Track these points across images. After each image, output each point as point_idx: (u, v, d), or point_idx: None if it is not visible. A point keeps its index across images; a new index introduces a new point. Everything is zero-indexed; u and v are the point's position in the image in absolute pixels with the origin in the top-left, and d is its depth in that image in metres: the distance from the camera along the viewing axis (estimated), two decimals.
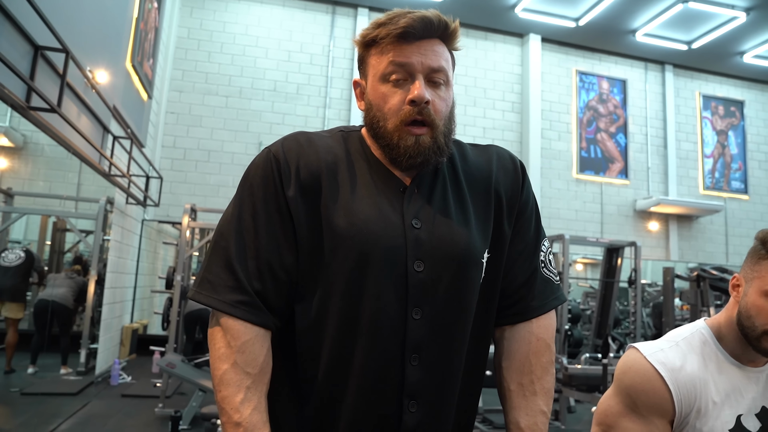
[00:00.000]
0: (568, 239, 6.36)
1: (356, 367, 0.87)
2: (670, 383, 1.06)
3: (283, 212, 0.90)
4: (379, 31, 0.90)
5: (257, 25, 9.35)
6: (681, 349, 1.12)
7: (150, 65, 6.99)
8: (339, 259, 0.88)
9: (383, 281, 0.87)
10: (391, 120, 0.90)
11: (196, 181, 8.73)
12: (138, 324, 7.58)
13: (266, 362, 0.87)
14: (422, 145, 0.89)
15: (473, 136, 9.96)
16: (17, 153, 7.16)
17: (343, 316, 0.88)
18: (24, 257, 5.63)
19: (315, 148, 0.93)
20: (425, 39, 0.90)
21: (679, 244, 10.91)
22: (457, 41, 0.95)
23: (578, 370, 4.38)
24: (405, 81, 0.90)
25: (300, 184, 0.90)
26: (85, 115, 4.44)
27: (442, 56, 0.92)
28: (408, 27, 0.88)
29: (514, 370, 0.97)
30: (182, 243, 5.76)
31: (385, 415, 0.88)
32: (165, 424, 4.27)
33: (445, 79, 0.92)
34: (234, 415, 0.82)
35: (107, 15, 4.88)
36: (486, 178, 0.99)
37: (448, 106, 0.93)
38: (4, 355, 5.59)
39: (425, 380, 0.89)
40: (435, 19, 0.90)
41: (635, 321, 6.61)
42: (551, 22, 9.86)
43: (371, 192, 0.91)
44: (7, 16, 2.81)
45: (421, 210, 0.92)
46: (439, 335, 0.90)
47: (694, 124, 11.45)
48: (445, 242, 0.90)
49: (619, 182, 10.71)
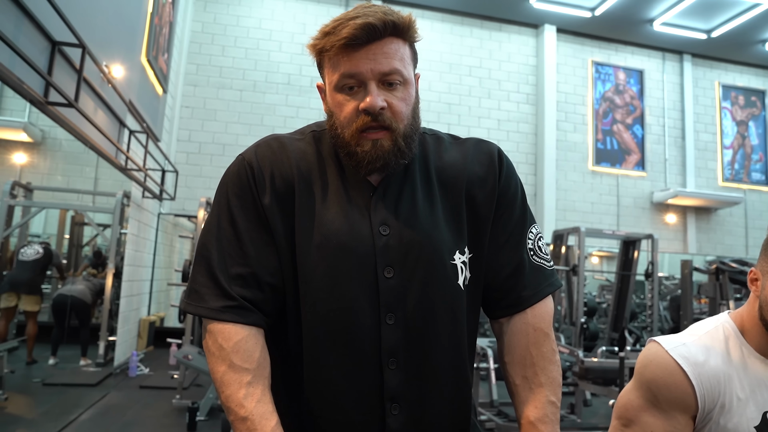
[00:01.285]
0: (583, 232, 6.29)
1: (337, 373, 0.89)
2: (692, 378, 1.05)
3: (261, 218, 0.91)
4: (324, 41, 0.88)
5: (271, 19, 9.36)
6: (704, 343, 1.10)
7: (165, 60, 7.03)
8: (313, 269, 0.89)
9: (356, 289, 0.88)
10: (347, 129, 0.89)
11: (211, 174, 8.78)
12: (155, 316, 7.67)
13: (263, 357, 0.88)
14: (381, 148, 0.88)
15: (488, 128, 9.90)
16: (36, 148, 7.25)
17: (321, 323, 0.89)
18: (42, 252, 5.69)
19: (287, 154, 0.94)
20: (373, 42, 0.87)
21: (698, 237, 10.77)
22: (414, 32, 0.91)
23: (594, 363, 4.34)
24: (359, 89, 0.89)
25: (275, 193, 0.91)
26: (101, 109, 4.48)
27: (394, 56, 0.88)
28: (350, 38, 0.85)
29: (516, 364, 0.97)
30: (198, 236, 5.81)
31: (369, 420, 0.89)
32: (182, 415, 4.32)
33: (401, 79, 0.89)
34: (240, 411, 0.83)
35: (122, 10, 4.91)
36: (459, 174, 0.97)
37: (408, 105, 0.91)
38: (26, 347, 5.69)
39: (405, 383, 0.90)
40: (379, 23, 0.85)
41: (652, 314, 6.54)
42: (566, 12, 9.74)
43: (341, 199, 0.92)
44: (26, 12, 2.83)
45: (388, 215, 0.91)
46: (414, 338, 0.90)
47: (713, 114, 11.26)
48: (413, 247, 0.90)
49: (636, 174, 10.58)
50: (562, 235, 6.85)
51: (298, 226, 0.90)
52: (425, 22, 9.92)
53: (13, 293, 5.53)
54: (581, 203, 10.21)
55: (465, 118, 9.84)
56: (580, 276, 6.31)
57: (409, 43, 0.92)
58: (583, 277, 6.37)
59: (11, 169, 7.11)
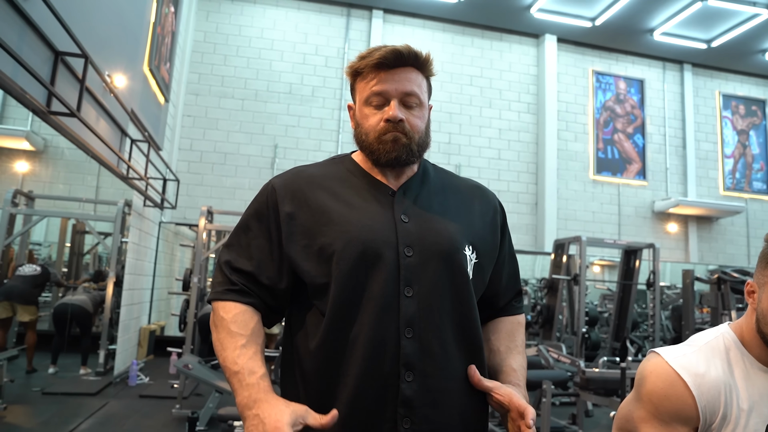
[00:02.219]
0: (584, 241, 6.29)
1: (359, 340, 1.00)
2: (693, 389, 1.04)
3: (272, 234, 1.08)
4: (360, 63, 1.09)
5: (272, 28, 9.41)
6: (704, 354, 1.09)
7: (167, 69, 7.06)
8: (346, 252, 1.03)
9: (381, 266, 1.02)
10: (371, 134, 1.09)
11: (212, 183, 8.80)
12: (155, 325, 7.65)
13: (257, 327, 1.04)
14: (398, 141, 1.08)
15: (489, 138, 9.92)
16: (38, 157, 7.27)
17: (350, 295, 1.02)
18: (40, 271, 5.71)
19: (308, 175, 1.14)
20: (399, 68, 1.08)
21: (699, 246, 10.75)
22: (430, 68, 1.12)
23: (596, 373, 4.32)
24: (383, 104, 1.09)
25: (294, 206, 1.09)
26: (103, 118, 4.50)
27: (414, 82, 1.09)
28: (381, 58, 1.06)
29: (502, 337, 1.19)
30: (199, 245, 5.80)
31: (385, 385, 0.99)
32: (182, 424, 4.30)
33: (417, 101, 1.10)
34: (233, 367, 0.97)
35: (125, 20, 4.94)
36: (471, 192, 1.20)
37: (423, 122, 1.12)
38: (26, 356, 5.68)
39: (419, 352, 1.01)
40: (405, 51, 1.07)
41: (654, 324, 6.52)
42: (567, 22, 9.78)
43: (366, 198, 1.10)
44: (29, 22, 2.85)
45: (408, 208, 1.09)
46: (429, 311, 1.03)
47: (714, 123, 11.28)
48: (430, 233, 1.07)
49: (637, 183, 10.58)
50: (563, 245, 6.84)
51: (330, 220, 1.06)
52: (426, 32, 9.97)
53: (8, 303, 5.54)
54: (582, 212, 10.20)
55: (466, 128, 9.86)
56: (582, 285, 6.30)
57: (426, 77, 1.13)
58: (584, 286, 6.35)
59: (13, 177, 7.12)
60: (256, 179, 8.86)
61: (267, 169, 8.96)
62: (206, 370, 4.49)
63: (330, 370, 1.01)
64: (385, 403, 0.99)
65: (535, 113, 10.26)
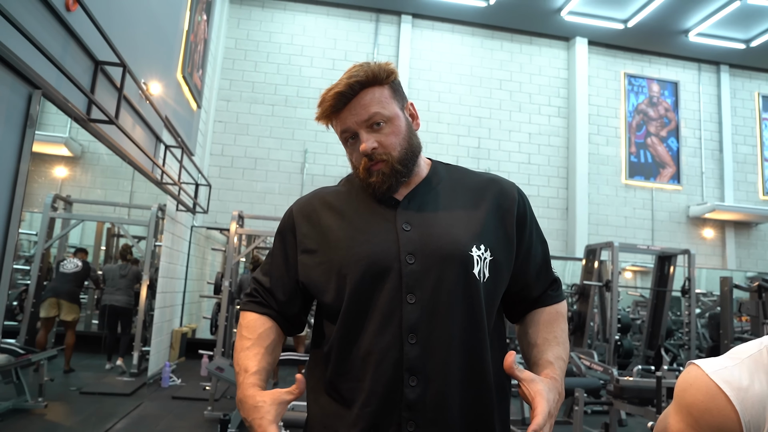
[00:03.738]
0: (617, 246, 6.18)
1: (366, 348, 1.04)
2: (736, 403, 1.01)
3: (289, 252, 1.18)
4: (320, 114, 1.14)
5: (302, 35, 9.52)
6: (747, 367, 1.05)
7: (199, 76, 7.21)
8: (351, 269, 1.07)
9: (385, 277, 1.05)
10: (360, 169, 1.14)
11: (243, 188, 8.93)
12: (187, 328, 7.79)
13: (265, 332, 1.14)
14: (383, 175, 1.11)
15: (519, 142, 9.83)
16: (76, 162, 7.49)
17: (355, 302, 1.06)
18: (81, 267, 5.98)
19: (322, 195, 1.21)
20: (350, 101, 1.11)
21: (737, 252, 10.43)
22: (385, 75, 1.12)
23: (630, 382, 4.23)
24: (355, 138, 1.13)
25: (308, 226, 1.16)
26: (139, 125, 4.61)
27: (371, 104, 1.10)
28: (331, 107, 1.11)
29: (540, 329, 1.17)
30: (230, 249, 5.89)
31: (390, 390, 1.02)
32: (214, 426, 4.36)
33: (383, 119, 1.10)
34: (236, 367, 1.11)
35: (160, 29, 5.06)
36: (485, 189, 1.18)
37: (398, 135, 1.12)
38: (63, 355, 5.88)
39: (423, 357, 1.02)
40: (346, 89, 1.09)
41: (689, 332, 6.36)
42: (598, 24, 9.65)
43: (370, 213, 1.14)
44: (72, 34, 2.95)
45: (411, 217, 1.11)
46: (432, 317, 1.04)
47: (753, 126, 10.96)
48: (432, 238, 1.08)
49: (671, 188, 10.35)
50: (594, 250, 6.73)
51: (337, 237, 1.12)
52: (455, 36, 9.95)
53: (55, 300, 5.81)
54: (614, 217, 10.02)
55: (495, 132, 9.79)
56: (614, 292, 6.18)
57: (387, 85, 1.13)
58: (616, 292, 6.23)
59: (53, 182, 7.36)
60: (286, 184, 8.96)
61: (297, 174, 9.05)
62: None
63: (343, 376, 1.07)
64: (391, 407, 1.02)
65: (565, 117, 10.13)
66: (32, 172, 2.73)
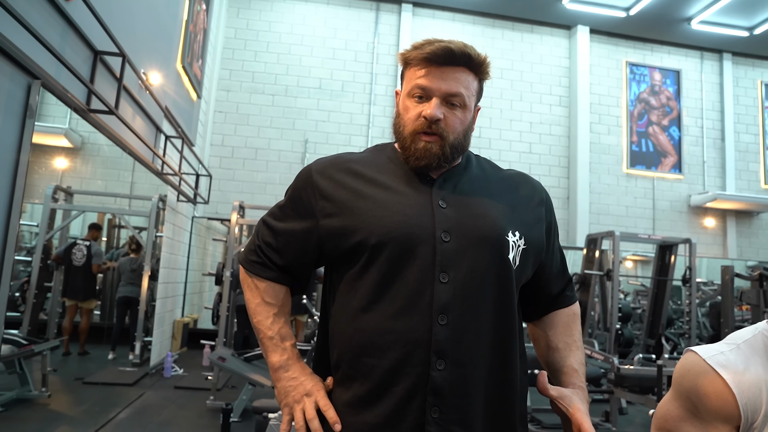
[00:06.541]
0: (618, 236, 6.17)
1: (392, 326, 0.99)
2: (733, 387, 1.02)
3: (306, 211, 1.10)
4: (411, 53, 1.08)
5: (302, 24, 9.47)
6: (743, 352, 1.06)
7: (199, 66, 7.18)
8: (381, 239, 1.02)
9: (416, 252, 1.01)
10: (408, 127, 1.08)
11: (243, 178, 8.93)
12: (189, 318, 7.82)
13: (285, 298, 1.15)
14: (429, 150, 1.06)
15: (520, 131, 9.81)
16: (76, 153, 7.49)
17: (385, 281, 1.01)
18: (86, 252, 6.14)
19: (350, 158, 1.14)
20: (448, 66, 1.05)
21: (738, 242, 10.43)
22: (485, 72, 1.10)
23: (631, 371, 4.25)
24: (425, 99, 1.06)
25: (335, 184, 1.09)
26: (139, 115, 4.60)
27: (461, 83, 1.06)
28: (431, 54, 1.04)
29: (560, 332, 1.17)
30: (231, 239, 5.91)
31: (416, 373, 0.98)
32: (216, 416, 4.39)
33: (461, 102, 1.07)
34: (267, 332, 1.11)
35: (159, 19, 5.04)
36: (518, 181, 1.17)
37: (462, 123, 1.08)
38: (76, 341, 6.21)
39: (452, 340, 0.98)
40: (457, 50, 1.04)
41: (690, 321, 6.37)
42: (600, 12, 9.58)
43: (403, 185, 1.08)
44: (71, 24, 2.94)
45: (447, 194, 1.07)
46: (464, 299, 1.00)
47: (755, 114, 10.91)
48: (470, 218, 1.05)
49: (672, 177, 10.33)
50: (595, 239, 6.73)
51: (367, 206, 1.05)
52: (456, 25, 9.90)
53: (72, 301, 6.16)
54: (615, 207, 10.01)
55: (496, 121, 9.77)
56: (615, 281, 6.19)
57: (478, 79, 1.11)
58: (617, 282, 6.24)
59: (53, 173, 7.36)
60: (286, 174, 8.96)
61: (297, 164, 9.04)
62: (240, 362, 4.57)
63: (362, 356, 1.01)
64: (415, 391, 0.98)
65: (566, 106, 10.09)
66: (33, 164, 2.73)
